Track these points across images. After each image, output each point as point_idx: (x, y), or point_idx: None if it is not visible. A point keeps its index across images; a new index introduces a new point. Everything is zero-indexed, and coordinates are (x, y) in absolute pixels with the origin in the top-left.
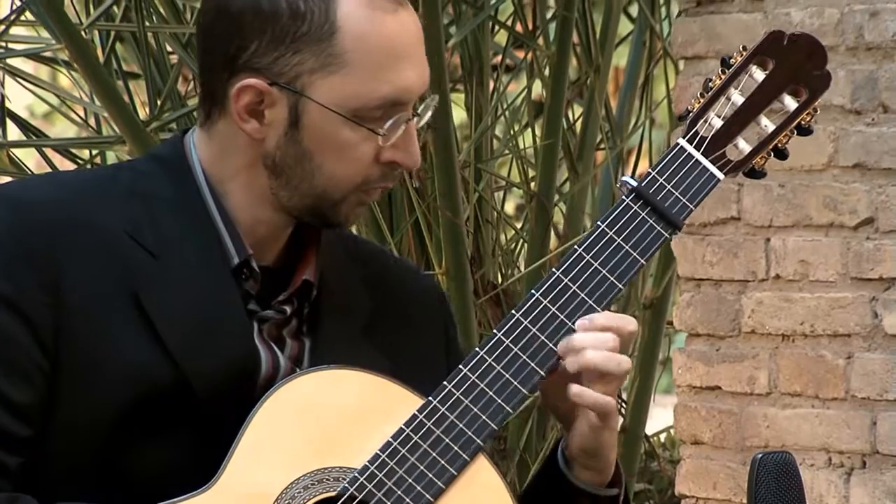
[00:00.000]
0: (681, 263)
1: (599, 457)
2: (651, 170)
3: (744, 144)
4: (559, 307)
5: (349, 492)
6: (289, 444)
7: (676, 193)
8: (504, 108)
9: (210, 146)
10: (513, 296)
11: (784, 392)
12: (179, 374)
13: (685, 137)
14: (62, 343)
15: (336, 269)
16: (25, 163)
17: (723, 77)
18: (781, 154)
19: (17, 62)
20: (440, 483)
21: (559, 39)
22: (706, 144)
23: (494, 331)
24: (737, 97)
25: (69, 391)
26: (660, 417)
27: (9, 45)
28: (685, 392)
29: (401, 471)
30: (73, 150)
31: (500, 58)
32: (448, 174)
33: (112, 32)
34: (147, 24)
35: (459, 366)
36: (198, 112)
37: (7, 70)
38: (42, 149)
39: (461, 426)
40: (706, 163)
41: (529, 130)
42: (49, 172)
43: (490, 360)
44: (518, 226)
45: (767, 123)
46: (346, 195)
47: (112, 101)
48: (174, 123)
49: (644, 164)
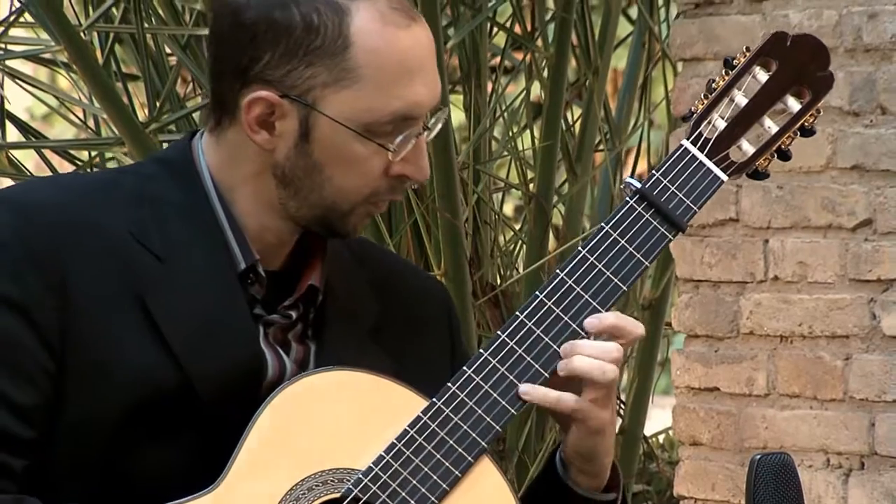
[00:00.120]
0: (679, 264)
1: (594, 461)
2: (655, 171)
3: (747, 146)
4: (563, 309)
5: (353, 493)
6: (293, 446)
7: (680, 195)
8: (503, 110)
9: (219, 153)
10: (511, 297)
11: (782, 393)
12: (184, 377)
13: (689, 139)
14: (68, 345)
15: (342, 274)
16: (24, 164)
17: (726, 78)
18: (784, 155)
19: (17, 64)
20: (444, 485)
21: (558, 41)
22: (710, 146)
23: (498, 332)
24: (740, 98)
25: (74, 393)
26: (658, 418)
27: (8, 47)
28: (684, 393)
29: (405, 472)
30: (73, 152)
31: (499, 59)
32: (447, 175)
33: (111, 34)
34: (146, 26)
35: (463, 367)
36: (206, 117)
37: (6, 71)
38: (41, 150)
39: (465, 428)
40: (710, 164)
41: (528, 132)
42: (51, 175)
43: (494, 362)
44: (517, 227)
45: (771, 125)
46: (355, 207)
47: (111, 103)
48: (173, 125)
49: (643, 166)
